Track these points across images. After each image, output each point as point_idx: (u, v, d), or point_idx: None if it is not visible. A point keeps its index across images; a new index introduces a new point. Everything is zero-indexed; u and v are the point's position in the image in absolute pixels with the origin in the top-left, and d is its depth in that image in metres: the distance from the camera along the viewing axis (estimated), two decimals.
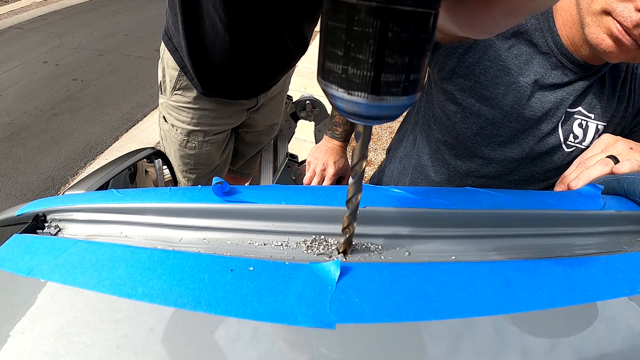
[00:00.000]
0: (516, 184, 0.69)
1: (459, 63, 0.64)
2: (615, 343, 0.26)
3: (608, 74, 0.62)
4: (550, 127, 0.63)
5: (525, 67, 0.61)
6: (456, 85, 0.65)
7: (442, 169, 0.73)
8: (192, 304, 0.26)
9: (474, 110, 0.65)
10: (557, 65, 0.60)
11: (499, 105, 0.62)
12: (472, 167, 0.70)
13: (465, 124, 0.66)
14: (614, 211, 0.39)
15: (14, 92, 3.52)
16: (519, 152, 0.65)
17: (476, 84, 0.63)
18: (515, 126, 0.63)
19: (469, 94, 0.64)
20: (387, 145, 3.21)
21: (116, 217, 0.36)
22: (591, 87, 0.62)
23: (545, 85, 0.61)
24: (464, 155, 0.69)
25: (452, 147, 0.70)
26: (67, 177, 2.61)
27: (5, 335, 0.25)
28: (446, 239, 0.35)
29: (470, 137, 0.67)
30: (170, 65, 1.02)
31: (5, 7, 5.45)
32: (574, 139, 0.63)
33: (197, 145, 1.12)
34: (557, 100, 0.62)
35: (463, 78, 0.64)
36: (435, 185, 0.76)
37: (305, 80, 3.48)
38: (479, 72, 0.63)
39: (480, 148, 0.67)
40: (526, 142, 0.64)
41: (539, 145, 0.64)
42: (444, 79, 0.67)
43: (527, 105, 0.62)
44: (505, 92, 0.62)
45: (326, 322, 0.25)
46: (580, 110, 0.62)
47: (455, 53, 0.64)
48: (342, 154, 0.99)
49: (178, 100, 1.06)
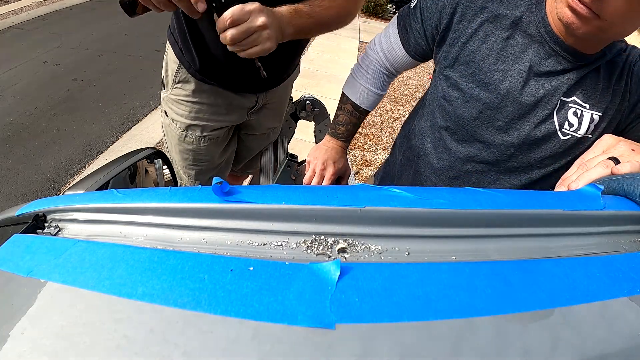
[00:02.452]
0: (514, 171, 0.72)
1: (460, 51, 0.69)
2: (616, 343, 0.26)
3: (604, 67, 0.65)
4: (545, 113, 0.66)
5: (520, 56, 0.65)
6: (458, 72, 0.70)
7: (444, 155, 0.78)
8: (192, 304, 0.26)
9: (473, 95, 0.69)
10: (551, 54, 0.64)
11: (497, 90, 0.67)
12: (472, 151, 0.73)
13: (465, 109, 0.71)
14: (614, 211, 0.39)
15: (14, 92, 3.52)
16: (516, 137, 0.69)
17: (476, 70, 0.68)
18: (512, 111, 0.67)
19: (469, 79, 0.69)
20: (387, 145, 3.23)
21: (116, 217, 0.36)
22: (586, 77, 0.65)
23: (539, 73, 0.65)
24: (464, 140, 0.74)
25: (454, 133, 0.74)
26: (67, 177, 2.61)
27: (5, 335, 0.25)
28: (446, 239, 0.35)
29: (470, 122, 0.71)
30: (172, 59, 1.04)
31: (5, 7, 5.45)
32: (569, 126, 0.66)
33: (195, 140, 1.13)
34: (551, 88, 0.65)
35: (464, 65, 0.69)
36: (437, 172, 0.80)
37: (305, 80, 3.48)
38: (479, 59, 0.67)
39: (480, 132, 0.71)
40: (522, 127, 0.68)
41: (535, 131, 0.67)
42: (447, 67, 0.72)
43: (522, 91, 0.66)
44: (502, 78, 0.66)
45: (326, 322, 0.25)
46: (575, 100, 0.66)
47: (457, 42, 0.69)
48: (342, 153, 0.99)
49: (178, 93, 1.07)
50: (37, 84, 3.68)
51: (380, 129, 3.77)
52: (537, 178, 0.72)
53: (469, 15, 0.68)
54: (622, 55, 0.65)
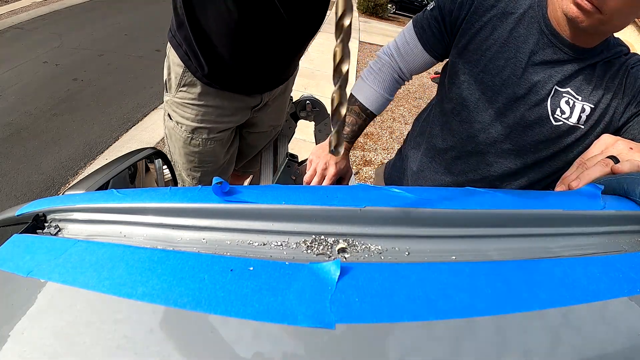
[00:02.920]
0: (510, 154, 0.80)
1: (471, 40, 0.79)
2: (616, 343, 0.26)
3: (600, 65, 0.72)
4: (539, 97, 0.74)
5: (522, 46, 0.74)
6: (466, 58, 0.80)
7: (449, 137, 0.87)
8: (192, 304, 0.26)
9: (478, 79, 0.79)
10: (549, 45, 0.72)
11: (499, 74, 0.76)
12: (473, 132, 0.82)
13: (469, 91, 0.80)
14: (614, 211, 0.39)
15: (14, 92, 3.52)
16: (512, 118, 0.77)
17: (482, 57, 0.77)
18: (510, 93, 0.76)
19: (476, 64, 0.79)
20: (387, 145, 3.23)
21: (116, 217, 0.36)
22: (581, 71, 0.72)
23: (537, 61, 0.74)
24: (467, 120, 0.83)
25: (458, 113, 0.84)
26: (67, 177, 2.61)
27: (5, 335, 0.25)
28: (446, 239, 0.35)
29: (473, 102, 0.81)
30: (176, 62, 1.02)
31: (5, 7, 5.45)
32: (560, 113, 0.73)
33: (201, 142, 1.12)
34: (546, 75, 0.73)
35: (472, 53, 0.79)
36: (440, 152, 0.90)
37: (305, 80, 3.48)
38: (485, 47, 0.77)
39: (481, 113, 0.80)
40: (518, 109, 0.76)
41: (529, 112, 0.75)
42: (458, 53, 0.82)
43: (521, 77, 0.75)
44: (504, 65, 0.75)
45: (326, 322, 0.25)
46: (568, 91, 0.73)
47: (468, 32, 0.79)
48: (344, 154, 0.99)
49: (183, 97, 1.06)
50: (37, 84, 3.68)
51: (380, 129, 3.77)
52: (531, 163, 0.79)
53: (480, 10, 0.77)
54: (621, 57, 0.71)
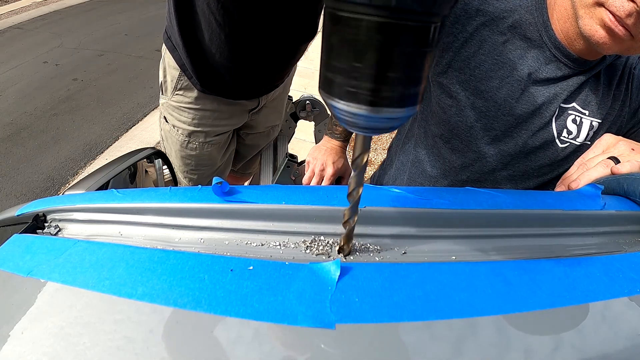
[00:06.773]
0: (510, 180, 0.69)
1: (454, 57, 0.64)
2: (616, 343, 0.26)
3: (604, 72, 0.62)
4: (544, 121, 0.63)
5: (519, 61, 0.61)
6: (452, 79, 0.66)
7: (438, 163, 0.74)
8: (192, 304, 0.26)
9: (468, 103, 0.65)
10: (551, 60, 0.61)
11: (493, 98, 0.63)
12: (467, 161, 0.70)
13: (460, 117, 0.67)
14: (614, 211, 0.39)
15: (14, 92, 3.52)
16: (512, 146, 0.66)
17: (471, 77, 0.64)
18: (509, 120, 0.64)
19: (464, 87, 0.65)
20: (387, 145, 3.21)
21: (116, 217, 0.36)
22: (586, 83, 0.62)
23: (538, 80, 0.62)
24: (459, 149, 0.70)
25: (448, 141, 0.71)
26: (67, 177, 2.61)
27: (5, 335, 0.25)
28: (446, 239, 0.35)
29: (464, 130, 0.67)
30: (171, 65, 1.02)
31: (5, 7, 5.45)
32: (567, 134, 0.64)
33: (198, 146, 1.12)
34: (550, 95, 0.62)
35: (458, 72, 0.65)
36: (431, 180, 0.76)
37: (305, 80, 3.48)
38: (474, 65, 0.63)
39: (475, 142, 0.67)
40: (520, 136, 0.65)
41: (533, 139, 0.65)
42: (440, 73, 0.67)
43: (520, 99, 0.62)
44: (499, 86, 0.62)
45: (326, 322, 0.25)
46: (574, 106, 0.63)
47: (451, 47, 0.64)
48: (341, 154, 0.99)
49: (179, 100, 1.05)
50: (37, 84, 3.68)
51: None
52: (534, 187, 0.70)
53: (463, 18, 0.63)
54: (621, 57, 0.63)
